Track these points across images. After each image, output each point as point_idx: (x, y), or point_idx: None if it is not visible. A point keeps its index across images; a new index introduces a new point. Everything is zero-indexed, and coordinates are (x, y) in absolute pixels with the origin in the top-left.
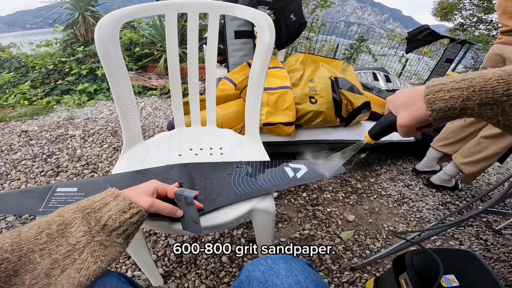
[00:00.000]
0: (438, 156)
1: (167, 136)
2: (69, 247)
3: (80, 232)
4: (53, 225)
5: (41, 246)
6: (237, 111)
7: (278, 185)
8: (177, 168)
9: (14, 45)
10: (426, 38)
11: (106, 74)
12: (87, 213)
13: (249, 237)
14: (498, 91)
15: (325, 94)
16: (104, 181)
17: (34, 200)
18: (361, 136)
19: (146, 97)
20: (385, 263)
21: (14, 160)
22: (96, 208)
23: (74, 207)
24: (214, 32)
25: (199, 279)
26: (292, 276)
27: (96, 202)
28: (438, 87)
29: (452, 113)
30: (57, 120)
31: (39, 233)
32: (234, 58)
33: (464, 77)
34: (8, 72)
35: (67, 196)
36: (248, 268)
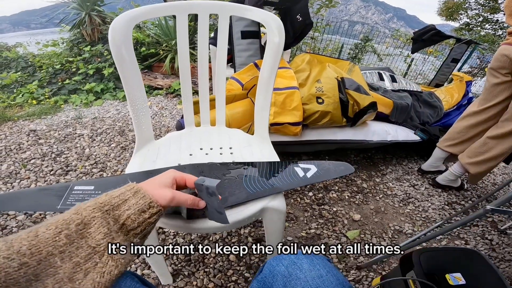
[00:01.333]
0: (444, 156)
1: (177, 136)
2: (89, 249)
3: (100, 234)
4: (72, 224)
5: (60, 248)
6: (244, 111)
7: (289, 184)
8: (189, 168)
9: (20, 45)
10: (432, 38)
11: (120, 74)
12: (106, 210)
13: (256, 235)
14: None
15: (331, 95)
16: (119, 180)
17: (51, 198)
18: (367, 136)
19: (152, 97)
20: (391, 261)
21: (23, 159)
22: (114, 205)
23: (92, 204)
24: (224, 33)
25: (207, 278)
26: (314, 270)
27: (114, 198)
28: None
29: None
30: (65, 120)
31: (58, 234)
32: (240, 58)
33: None
34: (15, 72)
35: (85, 194)
36: (271, 263)
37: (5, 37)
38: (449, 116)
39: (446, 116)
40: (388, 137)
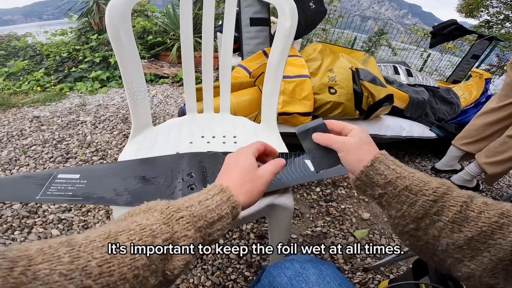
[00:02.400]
0: (459, 155)
1: (178, 122)
2: (161, 278)
3: (182, 261)
4: (159, 239)
5: (135, 271)
6: (251, 99)
7: (298, 179)
8: (187, 157)
9: (30, 35)
10: (452, 33)
11: (116, 55)
12: (199, 228)
13: (258, 232)
14: (431, 187)
15: (345, 85)
16: (109, 168)
17: (32, 186)
18: (381, 130)
19: (158, 85)
20: (399, 264)
21: (24, 145)
22: (209, 221)
23: (187, 216)
24: (231, 15)
25: (205, 275)
26: (324, 283)
27: (210, 211)
28: (390, 157)
29: (376, 182)
30: (69, 106)
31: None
32: (248, 46)
33: (408, 169)
34: (22, 60)
35: (68, 183)
36: (271, 273)
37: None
38: (466, 114)
39: (462, 113)
40: (402, 133)
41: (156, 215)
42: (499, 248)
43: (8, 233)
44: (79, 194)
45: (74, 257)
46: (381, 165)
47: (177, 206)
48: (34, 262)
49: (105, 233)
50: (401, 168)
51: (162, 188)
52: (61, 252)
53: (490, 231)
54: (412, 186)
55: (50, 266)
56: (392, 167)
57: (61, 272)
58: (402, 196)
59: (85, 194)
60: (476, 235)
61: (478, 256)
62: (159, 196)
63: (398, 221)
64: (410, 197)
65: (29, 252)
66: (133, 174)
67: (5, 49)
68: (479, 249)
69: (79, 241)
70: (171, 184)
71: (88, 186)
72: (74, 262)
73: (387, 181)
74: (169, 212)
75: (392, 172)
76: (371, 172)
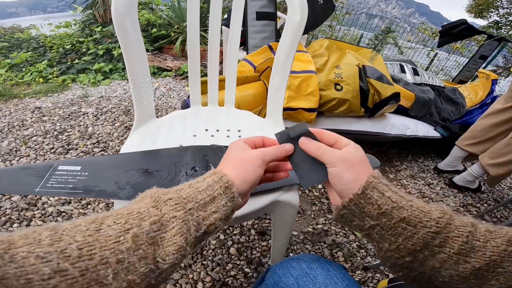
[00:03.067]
0: (463, 156)
1: (182, 115)
2: (151, 266)
3: (173, 246)
4: (146, 221)
5: (119, 255)
6: (255, 94)
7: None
8: (191, 150)
9: (34, 27)
10: (462, 33)
11: (121, 46)
12: (189, 209)
13: (259, 228)
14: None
15: (351, 82)
16: (111, 161)
17: (32, 178)
18: (385, 129)
19: (161, 78)
20: None
21: (25, 136)
22: (200, 203)
23: (175, 197)
24: (239, 8)
25: (204, 271)
26: (331, 284)
27: (201, 192)
28: (386, 181)
29: (368, 213)
30: (71, 98)
31: (124, 232)
32: (254, 40)
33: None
34: (25, 52)
35: (69, 176)
36: (277, 272)
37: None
38: (471, 115)
39: (467, 114)
40: (407, 132)
41: (146, 201)
42: (508, 276)
43: (7, 226)
44: (80, 187)
45: (54, 240)
46: (374, 193)
47: (166, 190)
48: (14, 246)
49: (91, 218)
50: (397, 195)
51: (165, 182)
52: (43, 235)
53: (499, 259)
54: (411, 218)
55: (29, 249)
56: (387, 195)
57: (38, 255)
58: (398, 229)
59: (86, 187)
60: (484, 265)
61: (485, 285)
62: None
63: (391, 254)
64: (408, 229)
65: (13, 237)
66: (135, 166)
67: (8, 41)
68: (487, 278)
69: (64, 226)
70: (174, 177)
71: (89, 178)
72: (53, 245)
73: (380, 212)
74: (157, 196)
75: (387, 201)
76: (361, 201)
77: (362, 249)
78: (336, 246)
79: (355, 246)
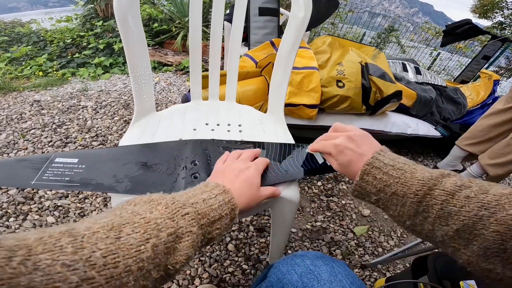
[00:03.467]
0: (462, 156)
1: (182, 109)
2: (162, 272)
3: (184, 256)
4: (164, 232)
5: (140, 264)
6: (256, 89)
7: (306, 171)
8: (191, 144)
9: (34, 21)
10: (466, 33)
11: (122, 39)
12: (201, 225)
13: (258, 224)
14: (413, 191)
15: (354, 79)
16: (109, 153)
17: (28, 171)
18: (386, 127)
19: (161, 73)
20: (396, 262)
21: (23, 129)
22: (211, 220)
23: (192, 212)
24: (242, 1)
25: (202, 267)
26: (336, 281)
27: (213, 210)
28: (379, 164)
29: (369, 191)
30: (70, 91)
31: (144, 242)
32: (256, 36)
33: (401, 167)
34: (26, 46)
35: (66, 168)
36: (280, 269)
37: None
38: (472, 115)
39: (468, 114)
40: (408, 130)
41: (160, 209)
42: (483, 238)
43: (3, 220)
44: (77, 180)
45: (77, 247)
46: (369, 177)
47: (182, 202)
48: (35, 252)
49: (108, 224)
50: (387, 175)
51: (164, 176)
52: (63, 242)
53: (471, 223)
54: (398, 192)
55: (52, 257)
56: (379, 177)
57: (63, 263)
58: (393, 200)
59: (83, 180)
60: (461, 228)
61: (469, 245)
62: (161, 184)
63: (398, 219)
64: (399, 199)
65: (28, 242)
66: (134, 160)
67: (8, 35)
68: (468, 239)
69: (81, 232)
70: (174, 171)
71: (87, 171)
72: (77, 253)
73: (377, 189)
74: (174, 208)
75: (379, 182)
76: (362, 184)
77: (360, 247)
78: (334, 244)
79: (353, 244)
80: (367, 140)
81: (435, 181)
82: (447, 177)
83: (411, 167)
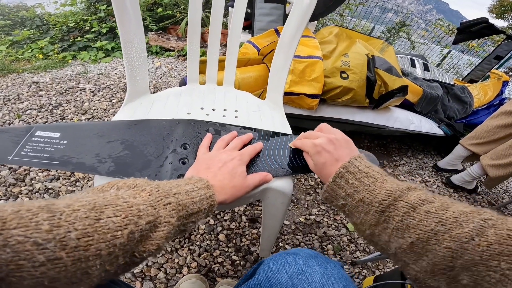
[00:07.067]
0: (465, 155)
1: (177, 92)
2: (129, 259)
3: (155, 245)
4: (143, 220)
5: (111, 249)
6: (257, 76)
7: (303, 168)
8: (183, 124)
9: (39, 5)
10: (481, 31)
11: (116, 16)
12: (180, 216)
13: (251, 215)
14: (378, 200)
15: (358, 71)
16: (94, 128)
17: (7, 143)
18: (388, 122)
19: (163, 58)
20: (386, 260)
21: (19, 109)
22: (190, 212)
23: (174, 203)
24: None
25: (191, 256)
26: (328, 284)
27: (194, 202)
28: (354, 169)
29: (339, 195)
30: (70, 74)
31: (123, 228)
32: (260, 23)
33: (374, 175)
34: (29, 29)
35: (46, 143)
36: (270, 267)
37: None
38: (477, 115)
39: (473, 114)
40: (410, 126)
41: (144, 195)
42: (434, 253)
43: None
44: (57, 158)
45: (53, 225)
46: (342, 180)
47: (166, 191)
48: (8, 226)
49: (89, 203)
50: (359, 181)
51: (150, 159)
52: (40, 218)
53: (426, 238)
54: (365, 199)
55: (25, 233)
56: (351, 182)
57: (35, 241)
58: (358, 207)
59: (63, 158)
60: (415, 241)
61: (419, 260)
62: (146, 167)
63: (359, 227)
64: (364, 207)
65: (3, 214)
66: (120, 137)
67: (12, 19)
68: (420, 253)
69: (60, 208)
70: (161, 154)
71: (68, 148)
72: (52, 231)
73: (346, 194)
74: (158, 195)
75: (351, 187)
76: (334, 186)
77: (352, 243)
78: (327, 238)
79: (345, 240)
80: (346, 145)
81: (401, 192)
82: (413, 191)
83: (382, 177)
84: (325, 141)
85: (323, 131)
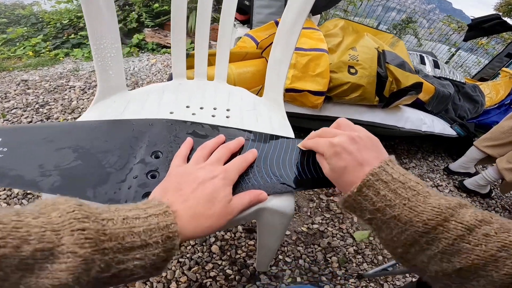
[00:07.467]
0: (479, 158)
1: (159, 88)
2: None
3: (54, 281)
4: (31, 245)
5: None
6: (255, 71)
7: (307, 182)
8: (159, 126)
9: (37, 3)
10: (494, 28)
11: None
12: (103, 249)
13: (248, 225)
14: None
15: (368, 66)
16: (43, 132)
17: None
18: (399, 122)
19: (159, 54)
20: None
21: (5, 108)
22: (125, 246)
23: (92, 229)
24: None
25: (180, 269)
26: None
27: (134, 234)
28: (387, 177)
29: (365, 208)
30: (60, 71)
31: None
32: (259, 15)
33: (413, 186)
34: (23, 27)
35: None
36: None
37: None
38: (488, 114)
39: (484, 113)
40: (423, 127)
41: (53, 216)
42: (489, 280)
43: None
44: None
45: None
46: (370, 191)
47: (90, 212)
48: None
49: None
50: (394, 193)
51: (110, 171)
52: None
53: (482, 263)
54: (401, 216)
55: None
56: (382, 193)
57: None
58: (391, 223)
59: None
60: (466, 267)
61: (467, 284)
62: (103, 182)
63: (388, 243)
64: (399, 225)
65: None
66: (73, 143)
67: (8, 17)
68: (469, 278)
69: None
70: (125, 166)
71: (7, 156)
72: None
73: (375, 208)
74: (70, 217)
75: (382, 199)
76: (359, 197)
77: (359, 254)
78: (331, 249)
79: (352, 251)
80: (373, 146)
81: (453, 211)
82: (465, 208)
83: (424, 188)
84: (346, 139)
85: (342, 127)
